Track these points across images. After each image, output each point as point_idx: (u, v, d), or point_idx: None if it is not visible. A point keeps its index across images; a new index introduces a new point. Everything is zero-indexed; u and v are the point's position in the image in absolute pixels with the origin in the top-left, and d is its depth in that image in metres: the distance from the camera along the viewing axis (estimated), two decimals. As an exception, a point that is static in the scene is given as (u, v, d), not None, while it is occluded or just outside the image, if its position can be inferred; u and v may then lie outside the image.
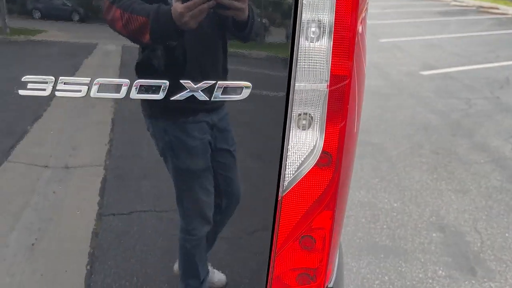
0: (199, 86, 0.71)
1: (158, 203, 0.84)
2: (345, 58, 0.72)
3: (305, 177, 0.78)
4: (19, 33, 0.68)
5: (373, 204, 3.29)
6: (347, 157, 0.84)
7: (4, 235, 0.82)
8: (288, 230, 0.82)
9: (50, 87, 0.68)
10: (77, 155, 0.76)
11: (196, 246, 0.89)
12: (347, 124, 0.78)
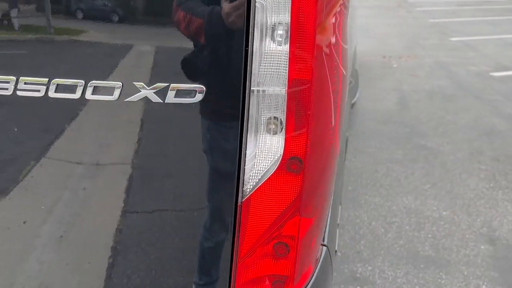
0: (152, 88, 0.71)
1: (178, 202, 0.85)
2: (303, 62, 0.69)
3: (267, 183, 0.76)
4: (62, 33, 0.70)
5: (420, 211, 3.16)
6: (318, 162, 0.81)
7: (38, 226, 0.86)
8: (255, 236, 0.80)
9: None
10: (106, 154, 0.78)
11: (216, 244, 0.89)
12: (313, 129, 0.74)
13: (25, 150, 0.85)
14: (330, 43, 0.75)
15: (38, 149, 0.81)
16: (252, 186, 0.77)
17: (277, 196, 0.79)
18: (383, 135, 4.48)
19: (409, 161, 3.92)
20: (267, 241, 0.82)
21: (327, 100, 0.78)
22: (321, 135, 0.79)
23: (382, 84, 6.22)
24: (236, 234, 0.80)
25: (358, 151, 4.10)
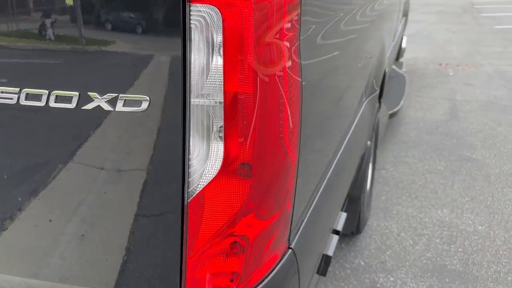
0: (103, 98, 0.80)
1: (129, 203, 0.93)
2: (239, 75, 0.75)
3: (212, 185, 0.82)
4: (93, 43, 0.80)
5: (454, 224, 3.07)
6: (269, 167, 0.86)
7: (62, 224, 0.95)
8: (206, 234, 0.87)
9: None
10: (128, 161, 0.86)
11: (167, 240, 0.95)
12: (258, 136, 0.80)
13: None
14: (275, 56, 0.81)
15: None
16: (196, 188, 0.84)
17: (227, 198, 0.85)
18: (426, 145, 4.38)
19: (450, 173, 3.82)
20: (220, 240, 0.88)
21: (273, 109, 0.83)
22: (270, 142, 0.84)
23: (434, 92, 6.06)
24: (184, 232, 0.87)
25: (397, 160, 4.04)
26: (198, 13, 0.74)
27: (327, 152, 1.37)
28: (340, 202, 1.73)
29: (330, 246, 1.55)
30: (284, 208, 0.97)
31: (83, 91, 0.80)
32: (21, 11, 0.82)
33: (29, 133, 0.87)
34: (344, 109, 1.54)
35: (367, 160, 2.44)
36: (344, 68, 1.35)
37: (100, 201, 0.90)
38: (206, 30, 0.75)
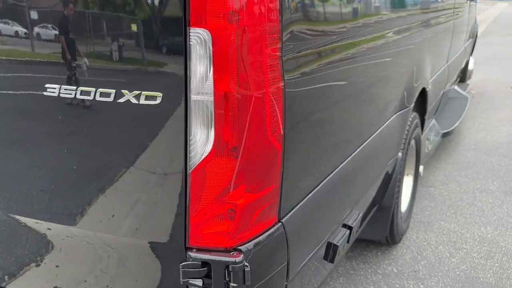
0: (131, 94, 1.11)
1: (146, 173, 1.22)
2: (223, 77, 1.03)
3: (206, 161, 1.11)
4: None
5: (495, 241, 3.12)
6: (256, 154, 1.13)
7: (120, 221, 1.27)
8: (204, 200, 1.15)
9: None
10: (146, 140, 1.18)
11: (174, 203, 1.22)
12: (243, 127, 1.07)
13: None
14: (255, 65, 1.08)
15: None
16: (196, 162, 1.13)
17: (220, 172, 1.13)
18: (482, 165, 4.38)
19: (501, 193, 3.82)
20: (217, 205, 1.16)
21: (255, 106, 1.10)
22: (254, 132, 1.11)
23: (500, 115, 5.96)
24: (187, 197, 1.15)
25: (449, 179, 4.09)
26: (195, 34, 1.04)
27: (327, 156, 1.60)
28: (352, 201, 1.93)
29: (337, 236, 1.76)
30: (271, 187, 1.23)
31: (118, 89, 1.13)
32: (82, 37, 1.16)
33: (82, 118, 1.21)
34: (345, 119, 1.75)
35: (398, 171, 2.60)
36: (336, 82, 1.56)
37: (127, 171, 1.21)
38: (201, 46, 1.04)
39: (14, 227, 1.42)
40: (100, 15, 1.13)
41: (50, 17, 1.19)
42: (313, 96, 1.39)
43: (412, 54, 2.55)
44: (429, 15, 2.95)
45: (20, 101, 1.28)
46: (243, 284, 1.16)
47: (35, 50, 1.22)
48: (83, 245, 1.34)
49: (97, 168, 1.24)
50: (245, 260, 1.16)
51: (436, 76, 3.57)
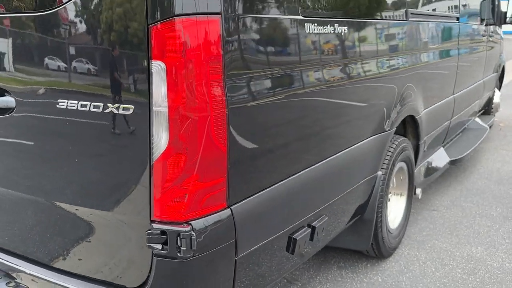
0: (114, 106, 1.57)
1: (121, 164, 1.69)
2: (174, 95, 1.47)
3: (163, 155, 1.54)
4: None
5: (482, 260, 3.32)
6: (198, 150, 1.54)
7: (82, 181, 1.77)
8: (167, 183, 1.57)
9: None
10: (121, 139, 1.65)
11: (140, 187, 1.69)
12: (190, 130, 1.50)
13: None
14: (200, 86, 1.51)
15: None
16: (157, 156, 1.56)
17: (175, 164, 1.56)
18: (490, 193, 4.56)
19: (501, 218, 4.00)
20: (174, 190, 1.58)
21: (202, 117, 1.53)
22: (199, 134, 1.53)
23: (522, 147, 6.07)
24: (151, 182, 1.58)
25: (453, 204, 4.30)
26: (155, 64, 1.49)
27: (279, 163, 1.98)
28: (315, 206, 2.28)
29: (299, 233, 2.13)
30: (220, 180, 1.64)
31: (105, 103, 1.59)
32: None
33: (81, 122, 1.68)
34: (297, 135, 2.09)
35: (379, 188, 2.92)
36: (284, 100, 1.93)
37: (106, 161, 1.67)
38: (159, 73, 1.49)
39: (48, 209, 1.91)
40: (93, 50, 1.62)
41: (61, 54, 1.69)
42: (260, 112, 1.80)
43: (389, 87, 2.89)
44: (415, 55, 3.29)
45: (44, 112, 1.78)
46: (190, 248, 1.56)
47: (50, 76, 1.72)
48: (88, 220, 1.80)
49: (90, 157, 1.71)
50: (192, 231, 1.56)
51: (434, 107, 3.85)
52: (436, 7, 3.94)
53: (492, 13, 6.11)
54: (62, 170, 1.79)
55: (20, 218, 1.99)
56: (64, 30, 1.68)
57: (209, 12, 1.51)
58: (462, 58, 4.43)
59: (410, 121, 3.47)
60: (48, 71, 1.73)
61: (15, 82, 1.82)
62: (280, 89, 1.90)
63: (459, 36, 4.29)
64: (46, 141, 1.80)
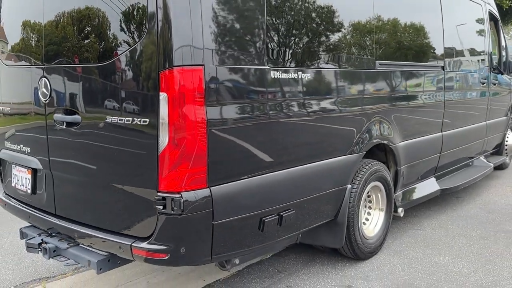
0: (135, 118, 2.59)
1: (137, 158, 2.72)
2: (173, 115, 2.47)
3: (166, 148, 2.52)
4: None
5: (445, 266, 3.97)
6: (187, 148, 2.52)
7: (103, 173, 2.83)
8: (167, 168, 2.55)
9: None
10: (139, 141, 2.71)
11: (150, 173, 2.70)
12: (182, 137, 2.49)
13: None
14: (191, 111, 2.50)
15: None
16: (160, 150, 2.55)
17: (172, 155, 2.54)
18: (477, 219, 5.17)
19: (479, 238, 4.62)
20: (174, 172, 2.55)
21: (189, 127, 2.52)
22: (189, 138, 2.51)
23: (528, 185, 6.58)
24: (158, 167, 2.57)
25: (440, 226, 4.97)
26: (162, 94, 2.48)
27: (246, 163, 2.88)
28: (284, 200, 3.14)
29: (268, 217, 3.01)
30: (202, 168, 2.59)
31: (132, 118, 2.62)
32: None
33: (114, 129, 2.72)
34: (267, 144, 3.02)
35: (349, 199, 3.74)
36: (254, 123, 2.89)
37: (131, 153, 2.68)
38: (164, 100, 2.49)
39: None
40: (129, 85, 2.67)
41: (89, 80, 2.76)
42: (233, 127, 2.76)
43: (355, 119, 3.74)
44: (382, 97, 4.14)
45: (98, 124, 2.83)
46: (179, 209, 2.51)
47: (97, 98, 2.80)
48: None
49: (122, 150, 2.73)
50: (181, 198, 2.52)
51: (416, 140, 4.64)
52: (421, 58, 4.79)
53: (499, 63, 6.84)
54: (106, 159, 2.82)
55: (76, 195, 3.04)
56: (115, 73, 2.74)
57: (195, 64, 2.52)
58: (450, 101, 5.19)
59: (390, 150, 4.29)
60: (103, 100, 2.80)
61: (81, 107, 2.90)
62: (248, 114, 2.85)
63: (445, 82, 5.08)
64: (99, 140, 2.85)
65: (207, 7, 2.58)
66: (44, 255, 3.13)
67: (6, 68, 3.52)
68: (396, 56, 4.32)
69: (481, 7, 6.20)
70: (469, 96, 5.78)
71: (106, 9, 2.73)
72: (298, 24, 3.22)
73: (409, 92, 4.48)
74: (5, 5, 3.60)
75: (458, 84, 5.44)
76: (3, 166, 3.72)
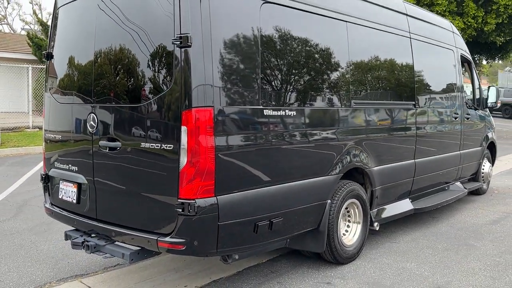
0: (163, 145, 3.53)
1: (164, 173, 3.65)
2: (190, 141, 3.41)
3: (186, 166, 3.44)
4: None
5: (409, 269, 4.80)
6: (200, 166, 3.43)
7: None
8: (186, 180, 3.47)
9: None
10: (165, 161, 3.64)
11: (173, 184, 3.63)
12: (199, 159, 3.42)
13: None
14: (204, 138, 3.41)
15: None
16: (181, 167, 3.48)
17: (190, 171, 3.46)
18: (446, 235, 5.99)
19: (443, 249, 5.46)
20: (191, 184, 3.46)
21: (203, 152, 3.44)
22: (202, 160, 3.44)
23: (498, 207, 7.41)
24: (179, 180, 3.49)
25: (412, 240, 5.80)
26: (183, 127, 3.40)
27: (247, 180, 3.81)
28: (274, 209, 4.03)
29: (261, 222, 3.90)
30: (211, 182, 3.49)
31: (160, 144, 3.56)
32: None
33: (147, 153, 3.65)
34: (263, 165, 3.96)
35: (329, 211, 4.62)
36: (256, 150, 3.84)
37: (160, 170, 3.61)
38: (184, 132, 3.41)
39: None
40: (158, 122, 3.62)
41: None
42: (234, 152, 3.68)
43: (332, 147, 4.66)
44: (355, 130, 5.08)
45: (134, 149, 3.78)
46: (194, 211, 3.42)
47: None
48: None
49: (151, 170, 3.66)
50: (195, 203, 3.42)
51: (389, 165, 5.54)
52: (393, 96, 5.74)
53: (473, 100, 7.79)
54: (139, 174, 3.75)
55: (113, 203, 3.96)
56: (148, 111, 3.70)
57: (206, 105, 3.46)
58: (421, 133, 6.11)
59: (365, 174, 5.19)
60: (138, 130, 3.75)
61: (121, 135, 3.85)
62: (246, 143, 3.79)
63: (416, 117, 6.01)
64: (133, 160, 3.78)
65: (216, 75, 3.52)
66: (87, 251, 4.03)
67: (57, 103, 4.50)
68: (369, 95, 5.27)
69: (453, 52, 7.18)
70: (441, 129, 6.69)
71: (144, 63, 3.70)
72: (286, 73, 4.19)
73: (381, 125, 5.41)
74: (57, 44, 4.60)
75: (429, 118, 6.37)
76: (51, 182, 4.65)
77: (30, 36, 21.59)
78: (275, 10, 4.06)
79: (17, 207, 7.34)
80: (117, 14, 3.86)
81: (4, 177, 9.76)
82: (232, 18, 3.71)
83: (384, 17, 5.55)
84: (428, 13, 7.11)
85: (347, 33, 4.86)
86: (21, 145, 13.66)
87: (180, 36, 3.40)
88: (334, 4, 4.74)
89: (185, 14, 3.42)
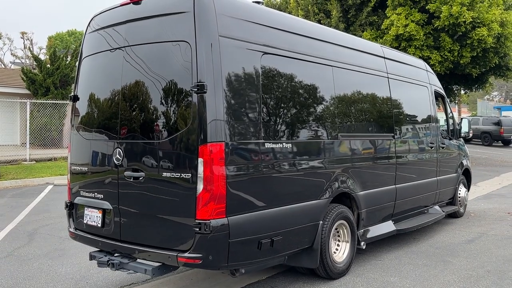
0: (182, 174, 4.19)
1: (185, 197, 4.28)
2: (206, 169, 4.07)
3: (202, 192, 4.09)
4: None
5: (387, 282, 5.48)
6: (214, 191, 4.09)
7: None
8: (202, 203, 4.11)
9: None
10: (181, 185, 4.31)
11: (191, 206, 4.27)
12: (213, 184, 4.07)
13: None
14: (216, 168, 4.08)
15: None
16: (197, 192, 4.13)
17: (206, 196, 4.10)
18: (426, 253, 6.66)
19: (423, 265, 6.12)
20: (207, 206, 4.11)
21: (216, 179, 4.11)
22: (215, 185, 4.10)
23: (474, 228, 8.11)
24: (197, 202, 4.13)
25: (395, 257, 6.45)
26: (200, 159, 4.04)
27: (253, 204, 4.47)
28: (274, 229, 4.69)
29: (264, 240, 4.55)
30: (223, 205, 4.15)
31: (180, 173, 4.21)
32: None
33: (168, 182, 4.31)
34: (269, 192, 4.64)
35: (321, 231, 5.28)
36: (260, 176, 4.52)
37: (179, 196, 4.26)
38: (201, 162, 4.07)
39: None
40: (177, 155, 4.29)
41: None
42: (242, 180, 4.35)
43: (322, 175, 5.35)
44: (341, 160, 5.81)
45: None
46: (209, 230, 4.05)
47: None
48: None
49: (171, 195, 4.30)
50: (210, 223, 4.06)
51: (373, 191, 6.24)
52: (374, 129, 6.50)
53: (447, 131, 8.61)
54: (160, 199, 4.39)
55: (136, 225, 4.57)
56: (169, 146, 4.38)
57: (219, 140, 4.13)
58: (401, 161, 6.85)
59: (352, 198, 5.88)
60: (160, 162, 4.41)
61: (144, 167, 4.50)
62: (251, 171, 4.47)
63: (395, 147, 6.77)
64: (156, 188, 4.42)
65: (225, 116, 4.21)
66: (112, 268, 4.61)
67: (83, 139, 5.15)
68: (353, 128, 6.03)
69: (427, 88, 8.02)
70: (418, 158, 7.45)
71: (164, 107, 4.40)
72: (283, 111, 4.91)
73: (365, 155, 6.14)
74: (83, 88, 5.26)
75: (407, 147, 7.13)
76: (75, 209, 5.26)
77: (24, 71, 22.22)
78: (274, 59, 4.81)
79: (28, 235, 7.84)
80: (140, 64, 4.57)
81: (9, 208, 10.25)
82: (238, 67, 4.44)
83: (365, 60, 6.36)
84: (404, 55, 7.99)
85: (333, 75, 5.64)
86: (20, 177, 14.12)
87: (197, 84, 4.11)
88: (322, 52, 5.53)
89: (201, 65, 4.13)
